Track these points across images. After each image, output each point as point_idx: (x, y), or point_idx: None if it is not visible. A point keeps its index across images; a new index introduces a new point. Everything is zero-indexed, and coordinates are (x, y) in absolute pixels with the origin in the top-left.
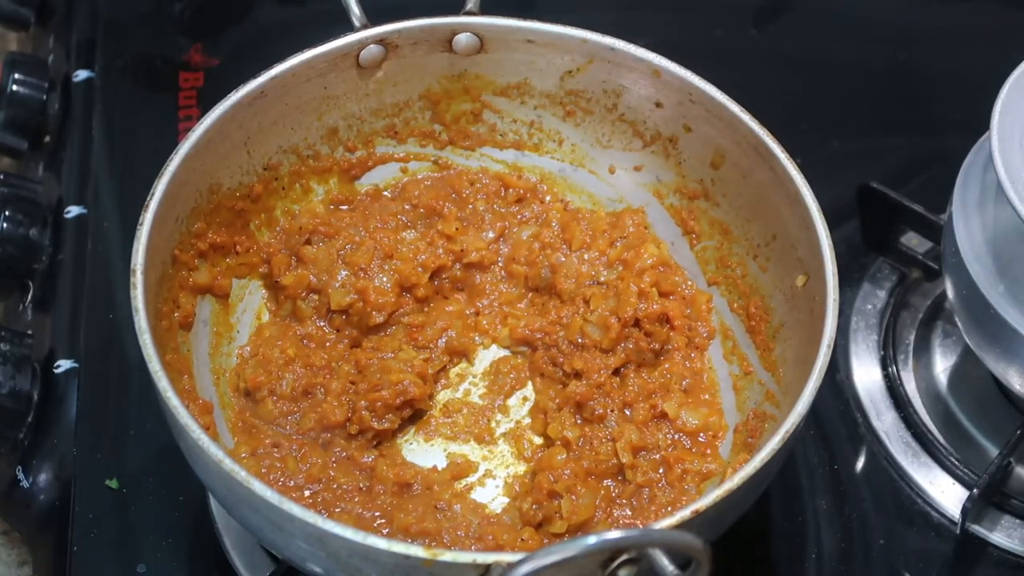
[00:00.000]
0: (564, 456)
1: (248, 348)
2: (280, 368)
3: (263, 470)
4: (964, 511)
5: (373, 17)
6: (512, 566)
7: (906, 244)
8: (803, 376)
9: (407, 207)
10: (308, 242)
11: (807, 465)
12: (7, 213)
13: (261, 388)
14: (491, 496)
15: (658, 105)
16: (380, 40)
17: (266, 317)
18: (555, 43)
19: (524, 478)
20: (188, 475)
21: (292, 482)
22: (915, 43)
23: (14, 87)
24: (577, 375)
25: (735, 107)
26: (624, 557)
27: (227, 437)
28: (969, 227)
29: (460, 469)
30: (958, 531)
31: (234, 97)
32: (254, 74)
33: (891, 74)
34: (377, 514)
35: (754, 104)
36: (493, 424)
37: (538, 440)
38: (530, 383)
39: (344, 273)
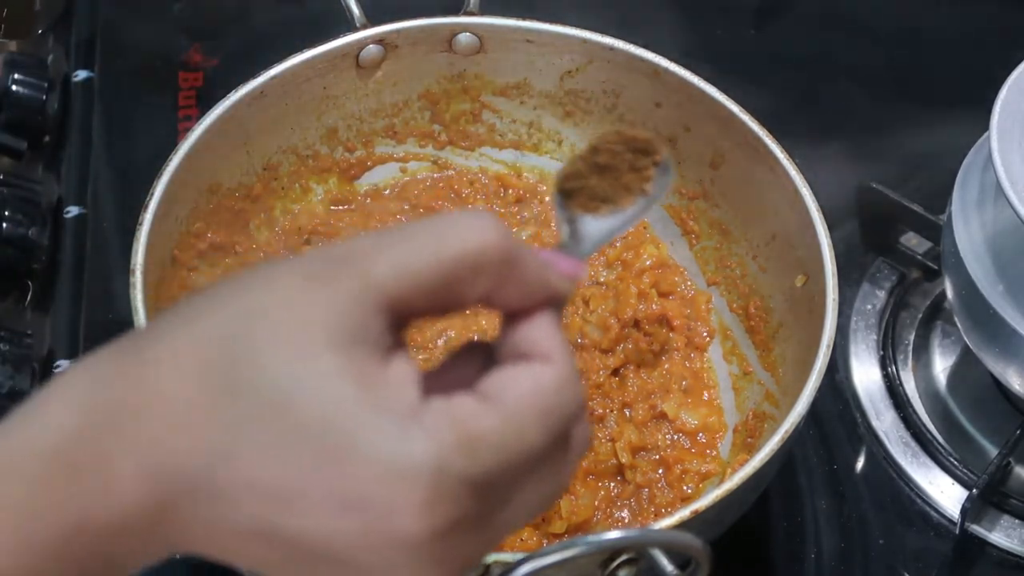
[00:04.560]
0: None
1: None
2: None
3: None
4: (963, 511)
5: (372, 17)
6: (512, 566)
7: (905, 244)
8: (802, 376)
9: (406, 207)
10: (308, 242)
11: (806, 465)
12: (6, 213)
13: None
14: None
15: (658, 105)
16: (379, 40)
17: None
18: (555, 43)
19: None
20: None
21: None
22: (915, 43)
23: (13, 87)
24: None
25: (735, 107)
26: (623, 557)
27: None
28: (968, 227)
29: None
30: (957, 531)
31: (233, 97)
32: (253, 74)
33: (891, 74)
34: None
35: (754, 104)
36: None
37: None
38: None
39: None
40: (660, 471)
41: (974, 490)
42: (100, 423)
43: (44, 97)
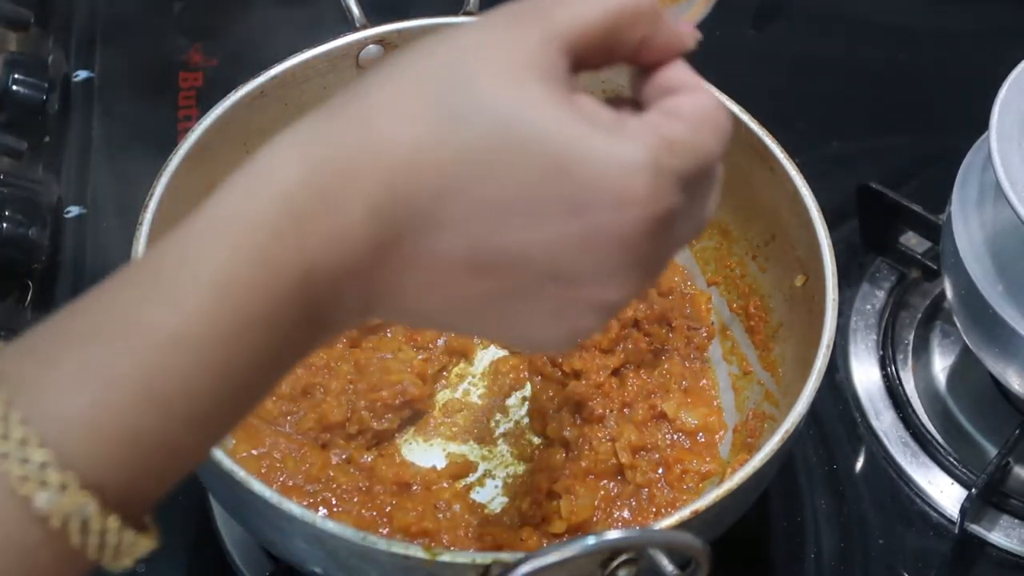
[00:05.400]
0: (563, 456)
1: None
2: None
3: (263, 470)
4: (963, 511)
5: (372, 17)
6: (511, 566)
7: (905, 244)
8: (802, 376)
9: None
10: None
11: (806, 465)
12: (7, 213)
13: None
14: (490, 496)
15: None
16: (379, 40)
17: None
18: None
19: (523, 478)
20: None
21: (292, 482)
22: (915, 43)
23: (13, 87)
24: (576, 375)
25: (734, 107)
26: (623, 557)
27: (226, 437)
28: (968, 227)
29: (459, 469)
30: (957, 531)
31: (233, 97)
32: (253, 74)
33: (891, 74)
34: (376, 514)
35: (754, 104)
36: (492, 424)
37: (537, 440)
38: (529, 383)
39: None
40: (660, 471)
41: (973, 490)
42: (326, 172)
43: (44, 97)
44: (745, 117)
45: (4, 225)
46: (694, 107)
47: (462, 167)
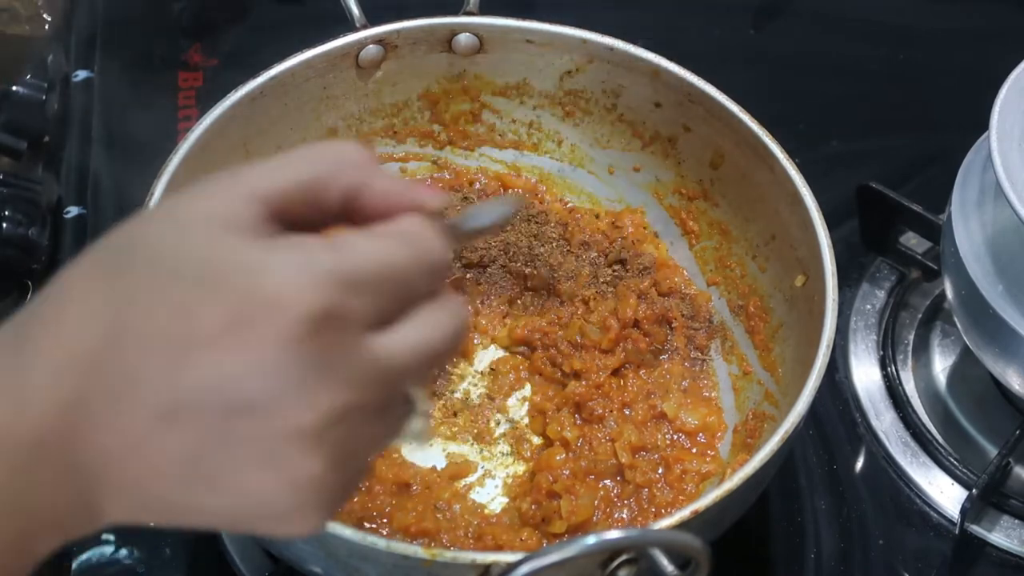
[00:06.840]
0: (563, 456)
1: None
2: None
3: None
4: (963, 511)
5: (372, 17)
6: (511, 566)
7: (905, 244)
8: (802, 376)
9: None
10: None
11: (806, 465)
12: (7, 213)
13: None
14: (490, 496)
15: (657, 105)
16: (379, 40)
17: None
18: (554, 43)
19: (523, 478)
20: None
21: None
22: (915, 43)
23: (13, 87)
24: (576, 375)
25: (734, 107)
26: (623, 557)
27: None
28: (968, 227)
29: (459, 469)
30: (957, 531)
31: (233, 97)
32: (253, 74)
33: (891, 74)
34: (376, 514)
35: (754, 104)
36: (492, 424)
37: (537, 440)
38: (529, 383)
39: None
40: (660, 471)
41: (974, 490)
42: (7, 340)
43: (44, 97)
44: (745, 117)
45: (4, 225)
46: (388, 224)
47: (129, 312)
